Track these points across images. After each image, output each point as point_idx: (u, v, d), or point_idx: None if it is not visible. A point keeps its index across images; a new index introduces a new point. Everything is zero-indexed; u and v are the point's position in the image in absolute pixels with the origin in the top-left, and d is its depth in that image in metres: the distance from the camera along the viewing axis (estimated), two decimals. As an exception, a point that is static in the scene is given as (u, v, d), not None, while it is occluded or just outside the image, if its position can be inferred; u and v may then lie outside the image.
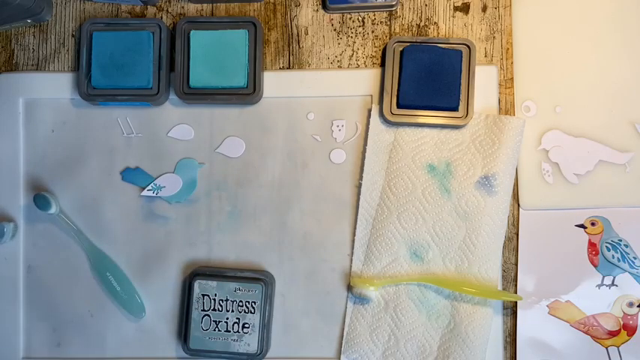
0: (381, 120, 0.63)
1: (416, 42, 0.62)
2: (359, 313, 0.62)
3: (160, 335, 0.63)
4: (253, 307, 0.61)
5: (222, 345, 0.61)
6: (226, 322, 0.61)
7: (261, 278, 0.61)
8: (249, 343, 0.61)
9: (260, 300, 0.60)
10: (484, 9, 0.64)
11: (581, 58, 0.64)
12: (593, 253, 0.62)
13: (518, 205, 0.63)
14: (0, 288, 0.64)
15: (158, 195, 0.63)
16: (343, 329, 0.62)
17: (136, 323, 0.63)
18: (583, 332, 0.62)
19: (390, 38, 0.64)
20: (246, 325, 0.61)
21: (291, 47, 0.65)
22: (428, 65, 0.61)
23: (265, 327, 0.61)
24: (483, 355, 0.61)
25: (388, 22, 0.64)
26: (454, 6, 0.64)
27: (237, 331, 0.61)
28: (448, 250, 0.62)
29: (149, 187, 0.63)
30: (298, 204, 0.63)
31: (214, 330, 0.61)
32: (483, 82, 0.63)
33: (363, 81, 0.64)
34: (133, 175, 0.64)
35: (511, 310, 0.63)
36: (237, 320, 0.61)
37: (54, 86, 0.65)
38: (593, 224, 0.63)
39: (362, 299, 0.62)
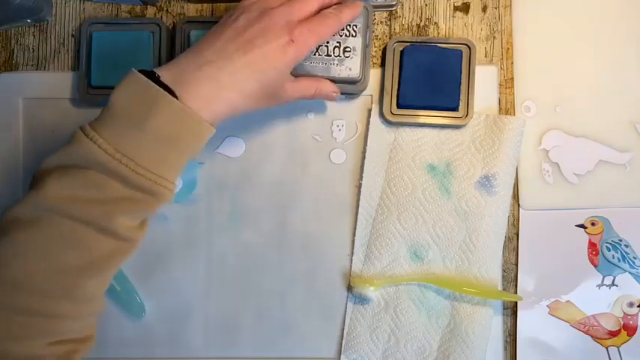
0: (381, 120, 0.63)
1: (416, 42, 0.62)
2: (359, 313, 0.62)
3: (159, 335, 0.63)
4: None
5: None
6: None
7: None
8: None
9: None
10: (484, 9, 0.64)
11: (581, 58, 0.64)
12: (594, 253, 0.62)
13: (519, 205, 0.63)
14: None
15: (158, 195, 0.63)
16: (343, 329, 0.62)
17: (136, 323, 0.63)
18: (583, 332, 0.62)
19: (390, 38, 0.64)
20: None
21: (291, 47, 0.65)
22: (428, 65, 0.61)
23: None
24: (483, 355, 0.61)
25: (388, 22, 0.64)
26: (454, 6, 0.64)
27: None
28: (448, 250, 0.62)
29: (149, 187, 0.63)
30: (298, 204, 0.63)
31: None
32: (483, 82, 0.63)
33: (363, 81, 0.64)
34: (132, 175, 0.64)
35: (511, 310, 0.63)
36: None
37: (54, 86, 0.65)
38: (593, 224, 0.63)
39: (362, 299, 0.62)
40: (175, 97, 0.47)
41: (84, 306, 0.47)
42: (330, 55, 0.59)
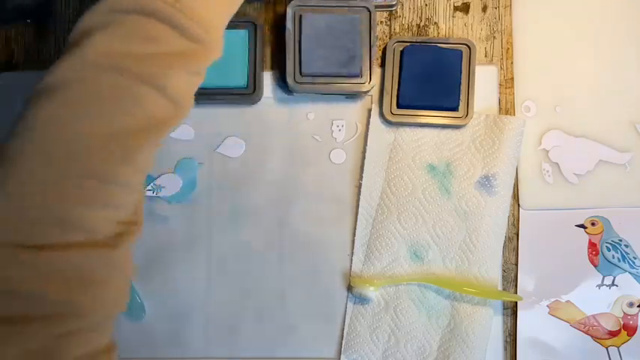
0: (381, 120, 0.63)
1: (416, 42, 0.62)
2: (359, 313, 0.62)
3: (159, 335, 0.63)
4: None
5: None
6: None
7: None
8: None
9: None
10: (484, 9, 0.64)
11: (581, 58, 0.64)
12: (594, 253, 0.62)
13: (519, 205, 0.63)
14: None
15: (158, 195, 0.63)
16: (343, 329, 0.62)
17: (136, 323, 0.63)
18: (583, 332, 0.62)
19: (390, 38, 0.64)
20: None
21: (291, 47, 0.65)
22: (428, 65, 0.61)
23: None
24: (483, 355, 0.61)
25: (388, 22, 0.64)
26: (454, 6, 0.64)
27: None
28: (448, 250, 0.62)
29: (149, 187, 0.63)
30: (298, 204, 0.63)
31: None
32: (483, 82, 0.63)
33: (363, 81, 0.64)
34: (132, 175, 0.64)
35: (511, 310, 0.63)
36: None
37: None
38: (593, 224, 0.63)
39: (362, 299, 0.62)
40: None
41: (139, 176, 0.45)
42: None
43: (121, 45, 0.42)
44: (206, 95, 0.62)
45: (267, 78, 0.64)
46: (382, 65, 0.63)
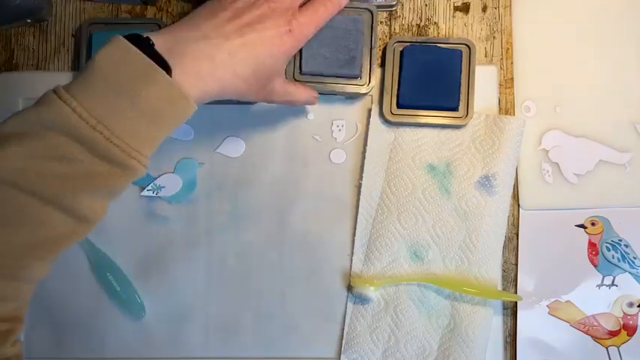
0: (381, 120, 0.63)
1: (416, 42, 0.62)
2: (359, 313, 0.62)
3: (159, 335, 0.63)
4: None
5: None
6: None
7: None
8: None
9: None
10: (484, 9, 0.64)
11: (581, 58, 0.64)
12: (594, 253, 0.62)
13: (518, 205, 0.63)
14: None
15: (158, 195, 0.63)
16: (343, 329, 0.62)
17: (136, 323, 0.63)
18: (583, 332, 0.62)
19: (390, 38, 0.64)
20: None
21: (291, 47, 0.65)
22: (428, 65, 0.61)
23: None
24: (483, 355, 0.61)
25: (388, 22, 0.64)
26: (454, 6, 0.64)
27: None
28: (448, 250, 0.62)
29: (149, 187, 0.63)
30: (298, 204, 0.63)
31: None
32: (483, 82, 0.63)
33: (363, 81, 0.64)
34: (132, 175, 0.64)
35: (511, 310, 0.63)
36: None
37: (54, 86, 0.65)
38: (593, 224, 0.63)
39: (362, 299, 0.62)
40: (168, 68, 0.44)
41: (26, 288, 0.44)
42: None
43: (33, 162, 0.41)
44: (206, 95, 0.62)
45: (267, 78, 0.64)
46: (382, 65, 0.63)
